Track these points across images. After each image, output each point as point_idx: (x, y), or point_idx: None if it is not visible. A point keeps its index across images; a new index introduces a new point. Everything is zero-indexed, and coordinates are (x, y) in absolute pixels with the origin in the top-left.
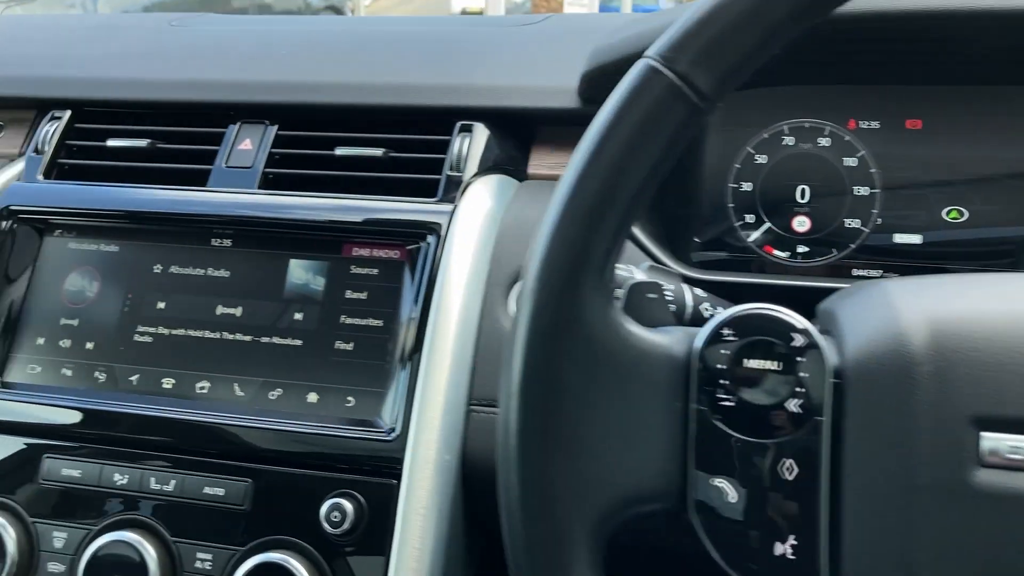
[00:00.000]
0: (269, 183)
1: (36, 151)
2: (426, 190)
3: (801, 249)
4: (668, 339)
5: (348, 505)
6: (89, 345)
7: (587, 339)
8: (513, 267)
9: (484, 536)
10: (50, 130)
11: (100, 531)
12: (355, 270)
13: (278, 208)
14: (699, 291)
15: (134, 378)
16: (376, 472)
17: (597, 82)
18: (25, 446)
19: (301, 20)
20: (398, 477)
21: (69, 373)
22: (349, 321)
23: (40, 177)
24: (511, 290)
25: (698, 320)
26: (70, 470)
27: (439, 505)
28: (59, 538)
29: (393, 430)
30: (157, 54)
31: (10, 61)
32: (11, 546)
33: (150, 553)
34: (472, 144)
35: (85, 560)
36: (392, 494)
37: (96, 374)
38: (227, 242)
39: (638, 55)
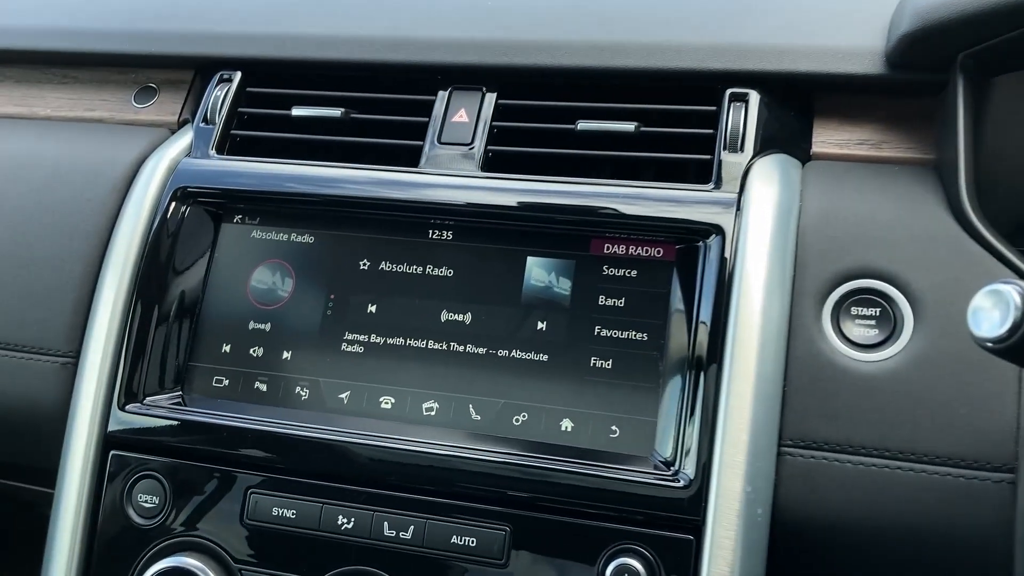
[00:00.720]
0: (490, 163)
1: (205, 121)
2: (687, 173)
3: None
4: None
5: (639, 566)
6: (286, 355)
7: None
8: (826, 274)
9: None
10: (220, 95)
11: None
12: (608, 271)
13: (512, 195)
14: None
15: (344, 396)
16: (665, 524)
17: (925, 44)
18: (221, 476)
19: None
20: (697, 533)
21: (264, 388)
22: (605, 333)
23: (212, 152)
24: (825, 302)
25: None
26: (282, 509)
27: (749, 569)
28: None
29: (681, 472)
30: (332, 4)
31: (160, 13)
32: None
33: None
34: (748, 117)
35: None
36: (690, 553)
37: (298, 390)
38: (448, 235)
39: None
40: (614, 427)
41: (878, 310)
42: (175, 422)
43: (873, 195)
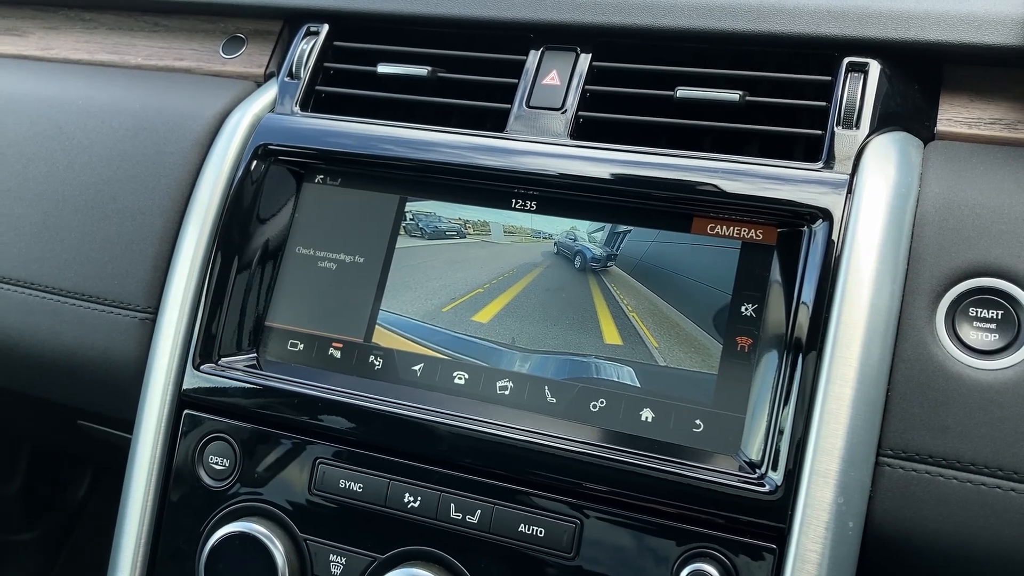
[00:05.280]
0: (580, 130)
1: (290, 75)
2: (795, 149)
3: None
4: None
5: (715, 573)
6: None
7: None
8: (944, 269)
9: None
10: (306, 49)
11: (387, 563)
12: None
13: (602, 165)
14: None
15: (418, 368)
16: (747, 529)
17: None
18: (291, 444)
19: None
20: (781, 542)
21: (337, 355)
22: None
23: (296, 108)
24: (940, 301)
25: None
26: (349, 482)
27: None
28: (336, 563)
29: (767, 476)
30: None
31: None
32: (280, 561)
33: None
34: (866, 89)
35: None
36: (770, 562)
37: (371, 359)
38: (532, 205)
39: None
40: (698, 421)
41: (1000, 313)
42: (248, 385)
43: (1004, 182)
